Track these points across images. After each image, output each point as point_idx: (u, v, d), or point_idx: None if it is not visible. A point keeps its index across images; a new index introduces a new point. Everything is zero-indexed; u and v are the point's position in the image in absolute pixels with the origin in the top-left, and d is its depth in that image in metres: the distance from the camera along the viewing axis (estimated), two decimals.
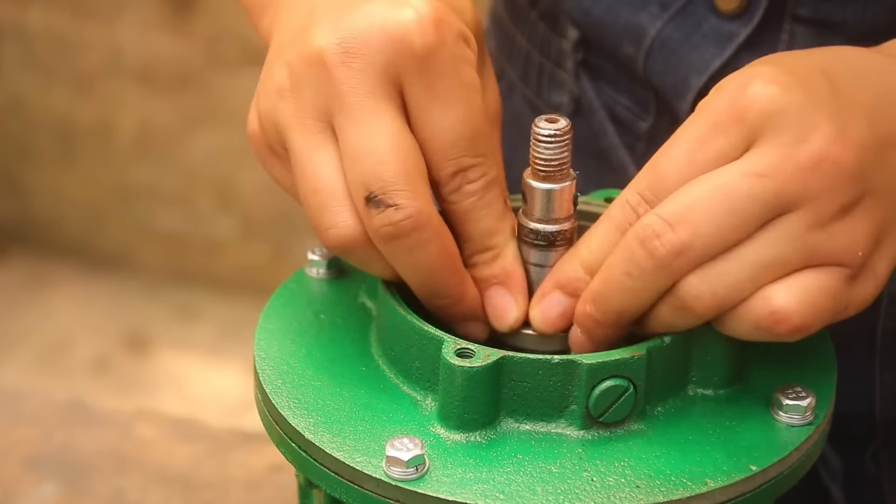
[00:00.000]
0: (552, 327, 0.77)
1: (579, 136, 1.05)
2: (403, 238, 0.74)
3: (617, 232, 0.74)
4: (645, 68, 0.99)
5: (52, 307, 3.22)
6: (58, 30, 3.20)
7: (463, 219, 0.77)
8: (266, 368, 0.78)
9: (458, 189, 0.76)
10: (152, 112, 3.20)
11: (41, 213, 3.38)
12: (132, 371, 3.05)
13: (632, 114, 1.03)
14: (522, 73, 1.09)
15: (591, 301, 0.74)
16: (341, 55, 0.75)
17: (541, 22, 1.06)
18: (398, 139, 0.74)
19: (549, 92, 1.07)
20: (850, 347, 0.96)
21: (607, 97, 1.04)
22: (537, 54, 1.07)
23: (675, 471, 0.71)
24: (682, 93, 0.97)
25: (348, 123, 0.75)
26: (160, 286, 3.27)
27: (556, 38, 1.05)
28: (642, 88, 1.01)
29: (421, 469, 0.70)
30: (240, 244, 3.26)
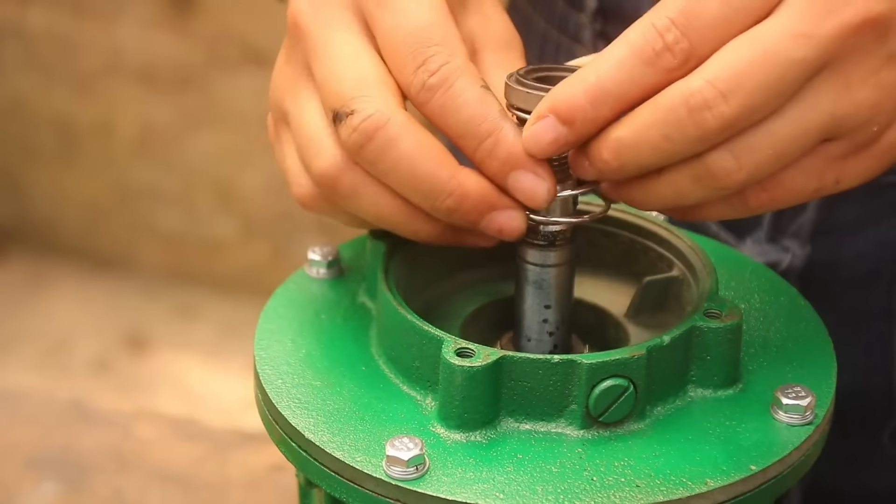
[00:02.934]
0: (543, 153, 0.72)
1: None
2: (370, 142, 0.72)
3: (636, 59, 0.68)
4: None
5: (52, 307, 3.22)
6: (58, 30, 3.20)
7: (441, 116, 0.73)
8: (266, 368, 0.78)
9: (424, 85, 0.73)
10: (152, 112, 3.21)
11: (41, 213, 3.38)
12: (132, 371, 3.05)
13: None
14: (540, 53, 1.09)
15: (615, 151, 0.70)
16: (309, 14, 0.76)
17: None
18: (352, 56, 0.74)
19: None
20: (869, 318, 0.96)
21: None
22: (555, 32, 1.08)
23: (675, 470, 0.71)
24: None
25: (315, 62, 0.75)
26: (160, 286, 3.27)
27: (574, 13, 1.05)
28: None
29: (421, 469, 0.70)
30: (240, 244, 3.26)
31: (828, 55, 0.68)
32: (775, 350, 0.79)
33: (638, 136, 0.69)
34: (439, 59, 0.73)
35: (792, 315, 0.83)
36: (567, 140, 0.71)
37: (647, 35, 0.68)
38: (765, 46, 0.67)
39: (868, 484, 1.04)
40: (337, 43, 0.75)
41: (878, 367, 1.00)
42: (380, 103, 0.72)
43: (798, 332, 0.81)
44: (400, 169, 0.73)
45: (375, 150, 0.72)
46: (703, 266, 0.80)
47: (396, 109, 0.72)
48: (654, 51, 0.68)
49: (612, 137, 0.69)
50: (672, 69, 0.68)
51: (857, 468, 1.04)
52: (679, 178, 0.70)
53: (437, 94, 0.73)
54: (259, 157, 3.12)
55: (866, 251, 0.96)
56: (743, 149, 0.68)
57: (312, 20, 0.76)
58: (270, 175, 3.13)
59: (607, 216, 0.85)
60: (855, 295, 0.99)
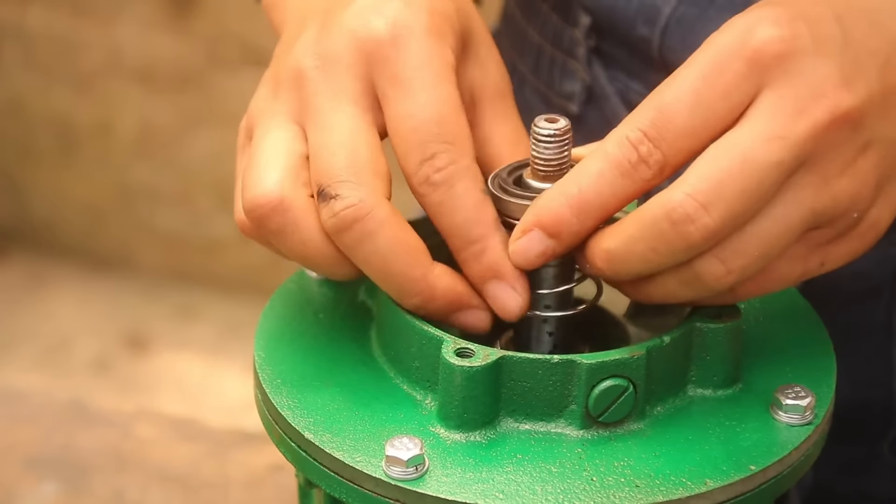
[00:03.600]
0: (531, 265, 0.74)
1: (593, 124, 1.05)
2: (347, 230, 0.73)
3: (613, 170, 0.71)
4: (661, 48, 0.99)
5: (52, 307, 3.21)
6: (58, 30, 3.19)
7: (437, 212, 0.75)
8: (266, 368, 0.78)
9: (426, 180, 0.74)
10: (152, 112, 3.20)
11: (41, 213, 3.38)
12: (132, 371, 3.05)
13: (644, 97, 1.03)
14: (534, 66, 1.10)
15: (606, 261, 0.72)
16: (317, 70, 0.76)
17: (553, 13, 1.07)
18: (352, 134, 0.74)
19: (560, 82, 1.07)
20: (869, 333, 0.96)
21: (620, 83, 1.04)
22: (549, 46, 1.08)
23: (675, 470, 0.71)
24: None
25: (312, 124, 0.76)
26: (160, 286, 3.27)
27: (568, 28, 1.05)
28: (655, 72, 1.01)
29: (420, 469, 0.70)
30: (240, 244, 3.25)
31: (803, 154, 0.69)
32: (775, 350, 0.79)
33: (626, 249, 0.71)
34: (447, 157, 0.74)
35: (792, 315, 0.83)
36: (555, 251, 0.73)
37: (622, 147, 0.71)
38: (741, 153, 0.69)
39: (867, 492, 1.04)
40: (339, 116, 0.75)
41: (878, 380, 1.00)
42: (364, 192, 0.73)
43: (798, 332, 0.81)
44: (372, 262, 0.74)
45: (351, 239, 0.73)
46: None
47: (380, 201, 0.73)
48: (630, 163, 0.70)
49: (603, 248, 0.72)
50: (649, 179, 0.71)
51: (856, 477, 1.04)
52: (670, 281, 0.72)
53: (439, 191, 0.74)
54: None
55: (866, 267, 0.96)
56: (729, 253, 0.70)
57: (321, 82, 0.76)
58: None
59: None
60: (854, 310, 0.99)
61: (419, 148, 0.74)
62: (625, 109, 1.04)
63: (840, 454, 1.01)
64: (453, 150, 0.74)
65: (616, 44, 1.03)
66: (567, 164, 0.76)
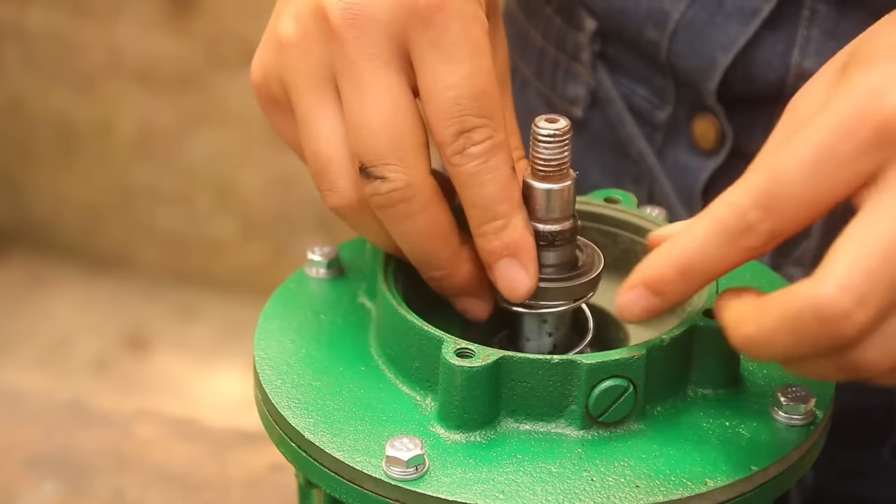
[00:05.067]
0: (637, 319, 0.71)
1: (597, 128, 1.05)
2: (391, 208, 0.74)
3: (720, 236, 0.67)
4: (669, 52, 0.99)
5: (52, 307, 3.22)
6: (58, 30, 3.20)
7: (467, 183, 0.75)
8: (266, 368, 0.78)
9: (462, 151, 0.74)
10: (152, 112, 3.20)
11: (41, 213, 3.38)
12: (132, 371, 3.05)
13: (650, 104, 1.03)
14: (537, 69, 1.09)
15: (746, 346, 0.67)
16: (346, 13, 0.75)
17: (556, 16, 1.07)
18: (394, 110, 0.74)
19: (564, 85, 1.07)
20: None
21: (625, 88, 1.04)
22: (552, 49, 1.07)
23: (675, 471, 0.71)
24: (709, 73, 0.97)
25: (350, 88, 0.75)
26: (160, 286, 3.27)
27: (573, 32, 1.05)
28: (661, 77, 1.01)
29: (420, 469, 0.70)
30: (240, 244, 3.26)
31: None
32: None
33: (768, 338, 0.66)
34: (485, 132, 0.74)
35: None
36: (659, 307, 0.71)
37: (731, 213, 0.67)
38: (886, 237, 0.63)
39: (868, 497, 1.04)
40: (378, 85, 0.74)
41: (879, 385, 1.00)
42: (412, 175, 0.74)
43: None
44: (408, 237, 0.76)
45: (392, 216, 0.75)
46: None
47: (424, 182, 0.75)
48: (737, 230, 0.67)
49: (742, 334, 0.68)
50: (757, 247, 0.67)
51: (857, 481, 1.04)
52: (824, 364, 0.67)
53: (473, 163, 0.74)
54: (259, 157, 3.12)
55: None
56: (884, 340, 0.65)
57: (352, 34, 0.75)
58: (270, 175, 3.13)
59: (607, 215, 0.85)
60: None
61: (458, 120, 0.74)
62: (629, 114, 1.04)
63: (841, 458, 1.01)
64: (491, 124, 0.74)
65: (622, 48, 1.03)
66: (567, 164, 0.76)
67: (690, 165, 1.02)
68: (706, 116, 1.00)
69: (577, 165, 1.00)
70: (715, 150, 1.01)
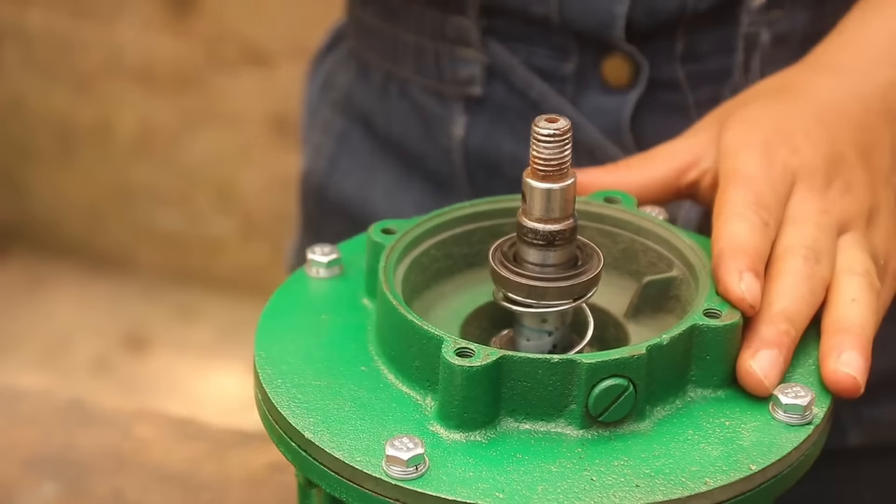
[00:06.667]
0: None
1: (501, 99, 1.08)
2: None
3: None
4: (563, 19, 1.01)
5: (52, 307, 3.22)
6: (58, 30, 3.20)
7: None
8: (266, 368, 0.78)
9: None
10: (152, 112, 3.20)
11: (41, 213, 3.38)
12: (132, 371, 3.05)
13: (554, 59, 1.05)
14: (416, 66, 1.10)
15: None
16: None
17: (428, 9, 1.08)
18: None
19: (453, 71, 1.08)
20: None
21: (523, 53, 1.06)
22: (430, 41, 1.08)
23: (675, 470, 0.71)
24: (610, 24, 1.00)
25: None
26: (160, 286, 3.27)
27: (453, 17, 1.07)
28: (560, 36, 1.03)
29: (421, 468, 0.70)
30: (240, 244, 3.26)
31: None
32: None
33: None
34: None
35: None
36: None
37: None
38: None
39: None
40: None
41: None
42: None
43: None
44: None
45: None
46: (703, 265, 0.80)
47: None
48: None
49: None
50: None
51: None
52: None
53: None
54: (259, 157, 3.12)
55: None
56: None
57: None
58: (270, 175, 3.13)
59: (607, 215, 0.85)
60: None
61: None
62: (535, 76, 1.06)
63: None
64: None
65: (511, 20, 1.05)
66: (567, 164, 0.76)
67: (609, 106, 1.05)
68: (615, 56, 1.03)
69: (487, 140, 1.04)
70: (631, 84, 1.04)
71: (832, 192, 0.84)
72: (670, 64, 1.03)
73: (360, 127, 1.16)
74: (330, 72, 1.20)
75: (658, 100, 1.04)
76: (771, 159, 0.84)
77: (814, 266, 0.80)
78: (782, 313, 0.77)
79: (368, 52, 1.14)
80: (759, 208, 0.81)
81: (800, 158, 0.85)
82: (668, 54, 1.03)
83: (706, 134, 0.90)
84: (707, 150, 0.89)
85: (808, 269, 0.79)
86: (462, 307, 0.83)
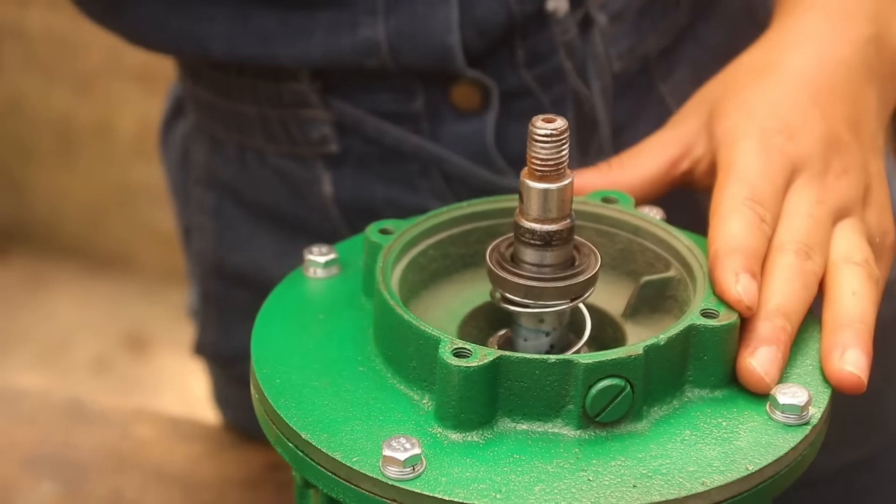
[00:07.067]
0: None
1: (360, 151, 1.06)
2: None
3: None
4: (399, 67, 1.00)
5: (52, 307, 3.22)
6: (58, 30, 3.19)
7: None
8: (263, 368, 0.78)
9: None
10: (152, 112, 3.20)
11: (41, 213, 3.38)
12: (131, 371, 3.05)
13: (400, 102, 1.04)
14: (266, 135, 1.08)
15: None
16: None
17: (260, 81, 1.06)
18: None
19: (303, 135, 1.07)
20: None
21: (367, 103, 1.04)
22: (270, 110, 1.07)
23: (672, 470, 0.71)
24: (447, 57, 0.99)
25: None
26: (160, 286, 3.27)
27: (287, 85, 1.05)
28: (399, 79, 1.02)
29: (418, 468, 0.70)
30: None
31: None
32: None
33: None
34: None
35: None
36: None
37: None
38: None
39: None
40: None
41: None
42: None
43: None
44: None
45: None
46: (700, 266, 0.80)
47: None
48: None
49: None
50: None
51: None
52: None
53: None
54: None
55: None
56: None
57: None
58: None
59: (604, 215, 0.85)
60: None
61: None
62: (385, 122, 1.04)
63: None
64: None
65: (345, 76, 1.04)
66: (564, 164, 0.76)
67: (469, 131, 1.04)
68: (461, 84, 1.02)
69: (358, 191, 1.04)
70: (484, 106, 1.03)
71: (829, 177, 0.84)
72: (517, 73, 1.02)
73: (230, 199, 1.14)
74: (184, 147, 1.17)
75: (515, 110, 1.03)
76: (768, 150, 0.84)
77: (805, 261, 0.80)
78: (778, 309, 0.77)
79: (214, 126, 1.11)
80: (755, 204, 0.81)
81: (797, 146, 0.85)
82: (511, 65, 1.02)
83: (693, 120, 0.90)
84: (697, 137, 0.89)
85: (800, 264, 0.79)
86: (459, 307, 0.83)
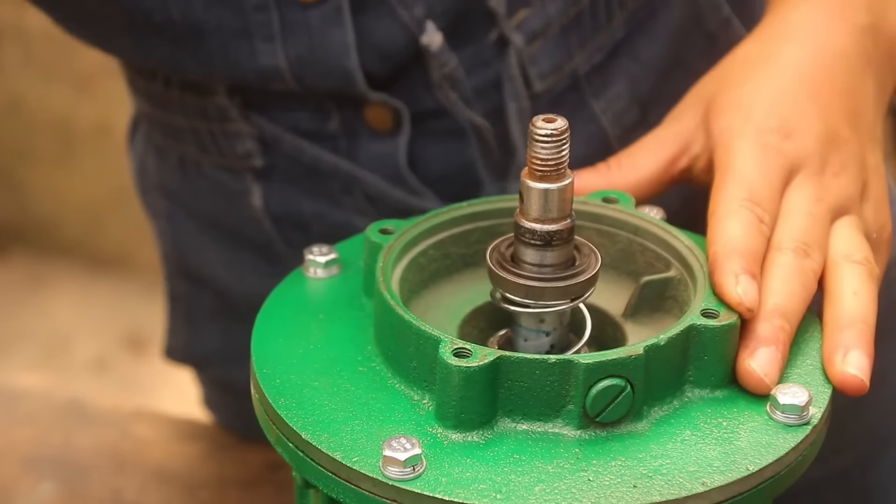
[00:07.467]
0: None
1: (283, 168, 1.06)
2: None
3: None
4: (303, 88, 1.00)
5: (52, 307, 3.22)
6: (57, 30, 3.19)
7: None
8: (263, 368, 0.78)
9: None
10: None
11: (41, 213, 3.38)
12: (131, 371, 3.05)
13: (317, 121, 1.04)
14: (198, 146, 1.09)
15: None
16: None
17: (186, 93, 1.06)
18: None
19: (230, 147, 1.07)
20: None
21: (286, 121, 1.04)
22: (200, 122, 1.07)
23: (672, 470, 0.71)
24: (348, 80, 0.99)
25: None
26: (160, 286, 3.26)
27: (209, 97, 1.05)
28: (314, 99, 1.02)
29: (418, 469, 0.70)
30: None
31: None
32: None
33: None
34: None
35: None
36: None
37: None
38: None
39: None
40: None
41: None
42: None
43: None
44: None
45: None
46: (701, 266, 0.80)
47: None
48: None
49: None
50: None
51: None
52: None
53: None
54: None
55: None
56: None
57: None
58: None
59: (604, 215, 0.85)
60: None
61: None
62: (303, 140, 1.04)
63: None
64: None
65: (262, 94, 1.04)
66: (564, 164, 0.76)
67: (385, 151, 1.03)
68: (373, 105, 1.01)
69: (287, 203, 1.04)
70: (396, 127, 1.02)
71: (827, 175, 0.84)
72: (431, 94, 1.01)
73: (180, 208, 1.15)
74: (142, 156, 1.18)
75: (432, 130, 1.03)
76: (765, 150, 0.83)
77: (804, 259, 0.80)
78: (776, 309, 0.77)
79: (157, 136, 1.13)
80: (753, 205, 0.81)
81: (794, 144, 0.84)
82: (425, 86, 1.01)
83: (690, 117, 0.90)
84: (695, 134, 0.89)
85: (798, 262, 0.79)
86: (460, 307, 0.83)
